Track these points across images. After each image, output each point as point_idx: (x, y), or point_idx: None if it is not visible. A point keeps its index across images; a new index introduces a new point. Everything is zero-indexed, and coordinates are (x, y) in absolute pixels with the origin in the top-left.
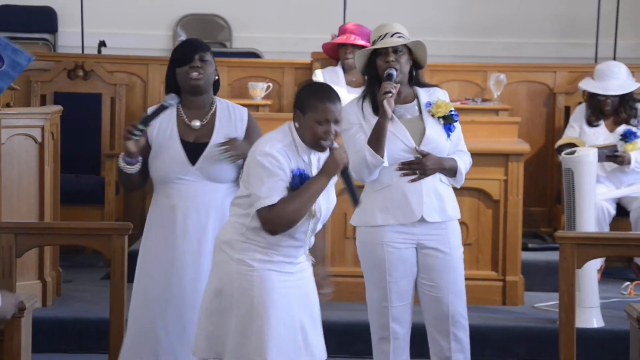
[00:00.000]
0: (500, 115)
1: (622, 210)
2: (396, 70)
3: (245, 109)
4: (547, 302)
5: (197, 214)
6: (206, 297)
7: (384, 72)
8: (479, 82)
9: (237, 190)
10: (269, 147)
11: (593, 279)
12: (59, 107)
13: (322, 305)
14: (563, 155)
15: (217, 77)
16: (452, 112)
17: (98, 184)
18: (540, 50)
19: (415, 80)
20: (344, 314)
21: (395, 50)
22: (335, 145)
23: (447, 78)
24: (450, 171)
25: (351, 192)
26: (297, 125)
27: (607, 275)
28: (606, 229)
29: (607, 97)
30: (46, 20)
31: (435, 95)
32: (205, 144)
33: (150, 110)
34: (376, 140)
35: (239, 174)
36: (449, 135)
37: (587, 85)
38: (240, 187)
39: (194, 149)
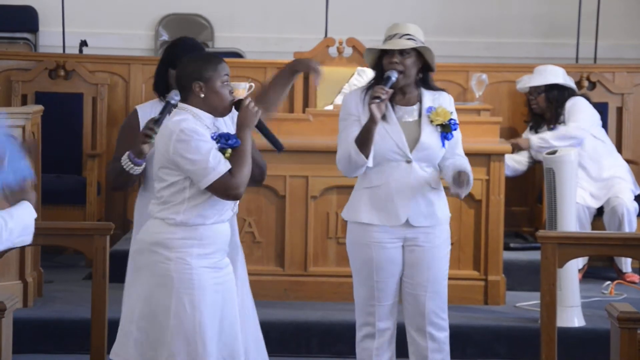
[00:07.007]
0: (482, 115)
1: (602, 210)
2: (400, 72)
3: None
4: (528, 302)
5: None
6: (134, 302)
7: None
8: (460, 82)
9: None
10: (184, 124)
11: (574, 278)
12: (40, 107)
13: (303, 306)
14: (545, 155)
15: None
16: (451, 121)
17: (79, 184)
18: (521, 51)
19: (424, 82)
20: (326, 313)
21: (401, 52)
22: (248, 100)
23: None
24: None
25: (271, 139)
26: (202, 95)
27: (588, 274)
28: (588, 228)
29: (528, 95)
30: (27, 19)
31: (439, 101)
32: None
33: (158, 111)
34: (363, 142)
35: None
36: (443, 144)
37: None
38: (161, 180)
39: None
